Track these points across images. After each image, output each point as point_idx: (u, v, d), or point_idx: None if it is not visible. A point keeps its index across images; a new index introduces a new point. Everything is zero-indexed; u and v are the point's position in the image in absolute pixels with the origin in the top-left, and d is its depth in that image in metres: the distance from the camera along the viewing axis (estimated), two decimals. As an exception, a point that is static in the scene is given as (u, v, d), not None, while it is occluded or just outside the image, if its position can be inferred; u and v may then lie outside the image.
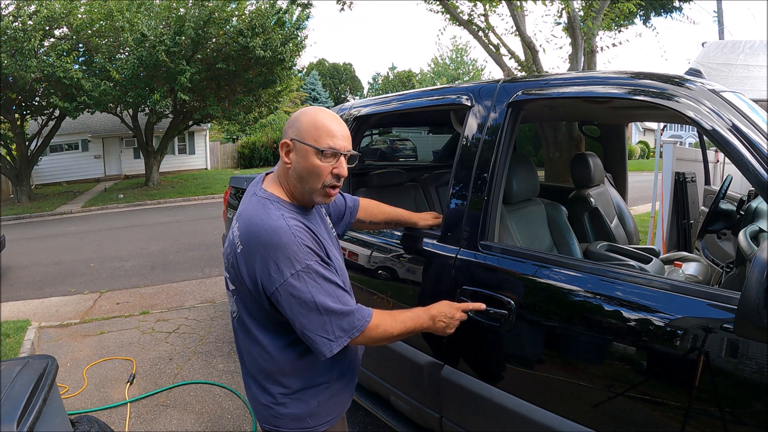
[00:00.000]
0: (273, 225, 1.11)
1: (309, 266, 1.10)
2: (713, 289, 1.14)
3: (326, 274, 1.13)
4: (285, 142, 1.18)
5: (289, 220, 1.12)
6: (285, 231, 1.10)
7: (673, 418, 1.12)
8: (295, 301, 1.10)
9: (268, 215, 1.13)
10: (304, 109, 1.22)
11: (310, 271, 1.10)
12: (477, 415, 1.55)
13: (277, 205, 1.16)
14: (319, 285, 1.11)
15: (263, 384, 1.24)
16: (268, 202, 1.17)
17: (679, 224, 3.88)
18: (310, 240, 1.13)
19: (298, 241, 1.10)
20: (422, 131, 6.58)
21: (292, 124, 1.19)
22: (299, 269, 1.09)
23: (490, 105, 1.67)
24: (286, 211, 1.16)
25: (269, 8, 13.65)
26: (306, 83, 34.79)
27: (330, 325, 1.12)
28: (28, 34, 11.69)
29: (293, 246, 1.09)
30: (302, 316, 1.11)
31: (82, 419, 2.03)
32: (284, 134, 1.20)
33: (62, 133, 17.68)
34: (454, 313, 1.35)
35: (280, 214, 1.13)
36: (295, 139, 1.17)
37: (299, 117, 1.20)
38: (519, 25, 7.36)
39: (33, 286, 5.73)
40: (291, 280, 1.09)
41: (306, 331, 1.12)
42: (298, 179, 1.19)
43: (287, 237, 1.09)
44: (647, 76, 1.37)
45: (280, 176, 1.23)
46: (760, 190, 1.08)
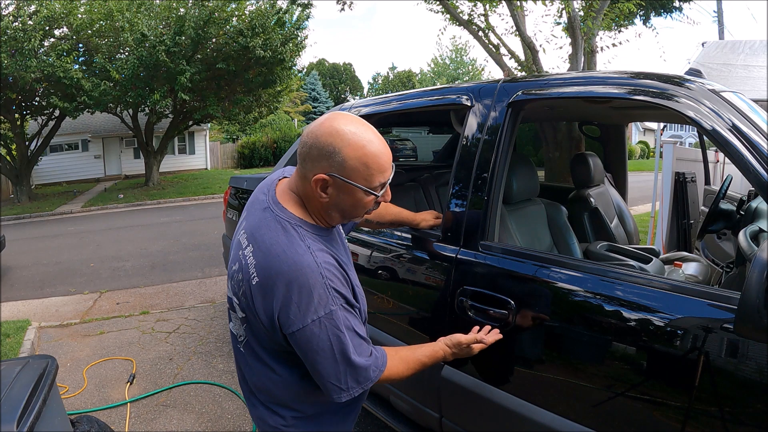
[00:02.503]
0: (299, 262, 0.97)
1: (333, 312, 0.99)
2: (713, 289, 1.14)
3: (349, 322, 1.03)
4: (321, 177, 0.98)
5: (317, 255, 0.99)
6: (313, 271, 0.97)
7: (673, 418, 1.12)
8: (312, 346, 1.00)
9: (291, 247, 0.99)
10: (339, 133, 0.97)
11: (333, 318, 1.00)
12: (477, 415, 1.55)
13: (302, 232, 1.02)
14: (341, 333, 1.01)
15: (274, 408, 1.16)
16: (289, 226, 1.02)
17: (679, 224, 3.88)
18: (338, 279, 1.02)
19: (327, 283, 0.98)
20: (422, 131, 6.58)
21: (329, 155, 0.96)
22: (322, 315, 0.98)
23: (490, 105, 1.67)
24: (312, 240, 1.02)
25: (269, 8, 13.66)
26: (306, 83, 34.79)
27: (345, 376, 1.04)
28: (28, 34, 11.69)
29: (320, 289, 0.98)
30: (317, 363, 1.02)
31: (82, 419, 2.03)
32: (315, 162, 0.98)
33: (62, 133, 17.68)
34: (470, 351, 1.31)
35: (306, 246, 0.99)
36: (336, 176, 0.98)
37: (341, 149, 0.96)
38: (519, 25, 7.36)
39: (33, 286, 5.73)
40: (311, 326, 0.98)
41: (318, 375, 1.05)
42: (339, 212, 1.05)
43: (314, 278, 0.97)
44: (647, 76, 1.37)
45: (306, 199, 1.06)
46: (760, 190, 1.08)
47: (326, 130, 0.98)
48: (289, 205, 1.06)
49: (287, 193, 1.08)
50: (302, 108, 32.97)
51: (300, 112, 32.49)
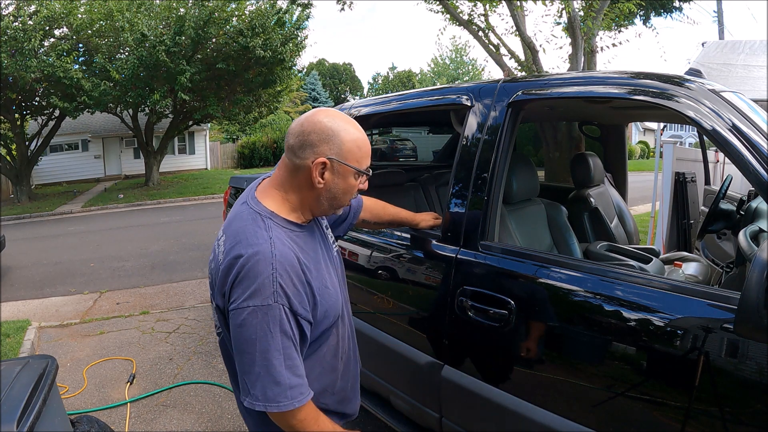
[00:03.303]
0: (256, 248, 0.99)
1: (270, 307, 0.97)
2: (713, 289, 1.14)
3: (286, 328, 0.99)
4: (322, 161, 1.03)
5: (276, 247, 1.00)
6: (265, 259, 0.98)
7: (673, 418, 1.12)
8: (241, 333, 0.98)
9: (255, 236, 1.01)
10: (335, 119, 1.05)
11: (268, 314, 0.97)
12: (477, 415, 1.55)
13: (269, 224, 1.04)
14: (271, 332, 0.97)
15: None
16: (260, 218, 1.05)
17: (679, 224, 3.88)
18: (289, 279, 0.99)
19: (274, 276, 0.97)
20: (422, 131, 6.58)
21: (327, 138, 1.03)
22: (258, 305, 0.96)
23: (490, 105, 1.67)
24: (279, 232, 1.03)
25: (269, 8, 13.66)
26: (306, 83, 34.81)
27: (257, 380, 0.98)
28: (28, 34, 11.69)
29: (265, 279, 0.97)
30: (240, 353, 1.00)
31: (82, 419, 2.03)
32: (314, 148, 1.03)
33: (62, 133, 17.68)
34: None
35: (268, 236, 1.01)
36: (335, 159, 1.04)
37: (338, 133, 1.04)
38: (519, 25, 7.37)
39: (33, 286, 5.73)
40: (246, 311, 0.97)
41: (238, 366, 1.02)
42: (329, 199, 1.09)
43: (264, 266, 0.97)
44: (647, 76, 1.37)
45: (289, 190, 1.09)
46: (760, 190, 1.08)
47: (322, 118, 1.05)
48: (266, 199, 1.09)
49: (267, 189, 1.12)
50: (302, 108, 32.96)
51: (300, 112, 32.47)
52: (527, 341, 1.42)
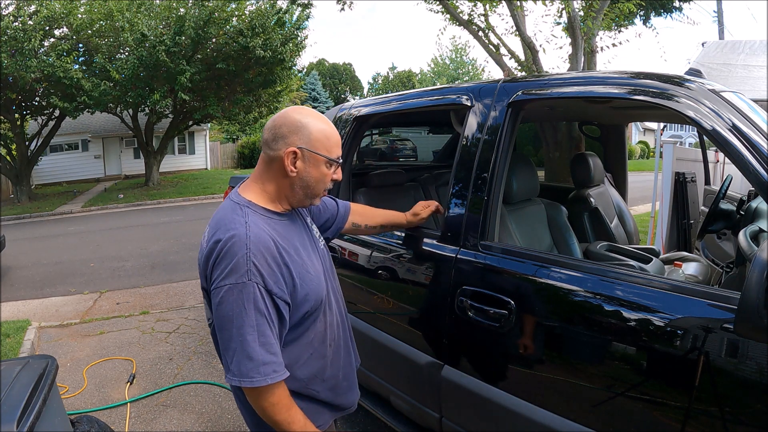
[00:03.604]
0: (232, 232, 1.07)
1: (244, 285, 1.03)
2: (713, 289, 1.14)
3: (260, 306, 1.05)
4: (293, 150, 1.12)
5: (251, 230, 1.07)
6: (240, 240, 1.05)
7: (673, 418, 1.12)
8: (220, 310, 1.05)
9: (233, 221, 1.09)
10: (303, 114, 1.15)
11: (243, 291, 1.03)
12: (477, 415, 1.55)
13: (246, 211, 1.12)
14: (245, 310, 1.04)
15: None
16: (238, 207, 1.13)
17: (679, 224, 3.88)
18: (263, 259, 1.06)
19: (248, 255, 1.04)
20: (422, 131, 6.58)
21: (296, 130, 1.13)
22: (233, 283, 1.03)
23: (490, 105, 1.67)
24: (255, 218, 1.11)
25: (269, 8, 13.65)
26: (306, 83, 34.78)
27: (234, 355, 1.04)
28: (28, 34, 11.69)
29: (240, 258, 1.04)
30: (220, 330, 1.07)
31: (82, 419, 2.03)
32: (285, 140, 1.12)
33: (62, 133, 17.68)
34: None
35: (244, 221, 1.09)
36: (305, 148, 1.13)
37: (306, 124, 1.13)
38: (519, 25, 7.37)
39: (33, 286, 5.73)
40: (224, 290, 1.04)
41: (221, 346, 1.09)
42: (303, 187, 1.17)
43: (239, 247, 1.05)
44: (647, 76, 1.37)
45: (266, 181, 1.17)
46: (760, 190, 1.08)
47: (291, 113, 1.16)
48: (246, 192, 1.18)
49: (248, 184, 1.21)
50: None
51: (300, 112, 32.42)
52: (527, 341, 1.42)
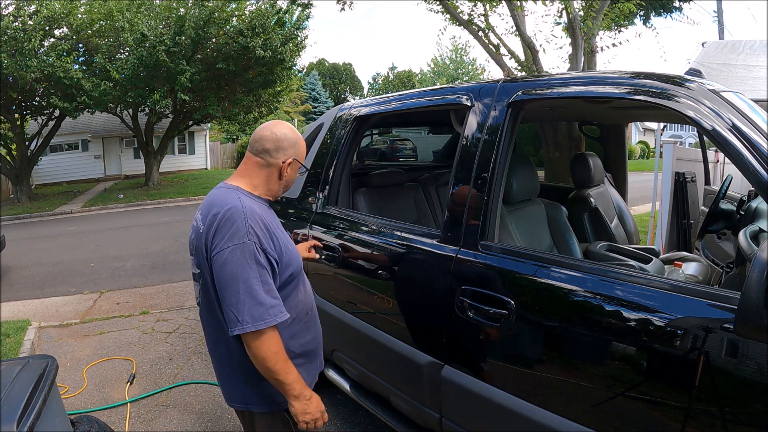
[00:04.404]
0: (229, 205, 1.27)
1: (245, 244, 1.22)
2: (713, 289, 1.14)
3: (259, 258, 1.24)
4: (290, 161, 1.40)
5: (245, 203, 1.28)
6: (237, 209, 1.26)
7: (673, 418, 1.12)
8: (225, 270, 1.22)
9: (226, 197, 1.31)
10: (294, 131, 1.42)
11: (245, 250, 1.22)
12: (477, 415, 1.55)
13: (236, 192, 1.33)
14: (249, 265, 1.22)
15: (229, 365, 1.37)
16: (229, 190, 1.34)
17: (679, 224, 3.88)
18: (257, 224, 1.26)
19: (247, 221, 1.24)
20: (422, 131, 6.58)
21: (292, 144, 1.40)
22: (236, 243, 1.22)
23: (490, 105, 1.67)
24: (247, 197, 1.33)
25: (269, 8, 13.65)
26: (306, 83, 34.78)
27: (243, 307, 1.21)
28: (28, 34, 11.69)
29: (240, 223, 1.24)
30: (224, 288, 1.23)
31: (82, 419, 2.03)
32: (283, 152, 1.38)
33: (62, 133, 17.67)
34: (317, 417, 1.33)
35: (237, 197, 1.30)
36: (297, 159, 1.42)
37: (298, 140, 1.42)
38: (519, 25, 7.37)
39: (33, 286, 5.72)
40: (227, 251, 1.22)
41: (223, 303, 1.25)
42: (285, 186, 1.45)
43: (237, 214, 1.25)
44: (647, 76, 1.37)
45: (254, 177, 1.40)
46: (760, 190, 1.08)
47: (285, 130, 1.41)
48: (234, 180, 1.40)
49: (234, 178, 1.42)
50: (302, 108, 32.94)
51: (300, 112, 32.46)
52: (527, 341, 1.42)
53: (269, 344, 1.23)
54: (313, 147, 2.60)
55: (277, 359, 1.25)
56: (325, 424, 1.37)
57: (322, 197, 2.38)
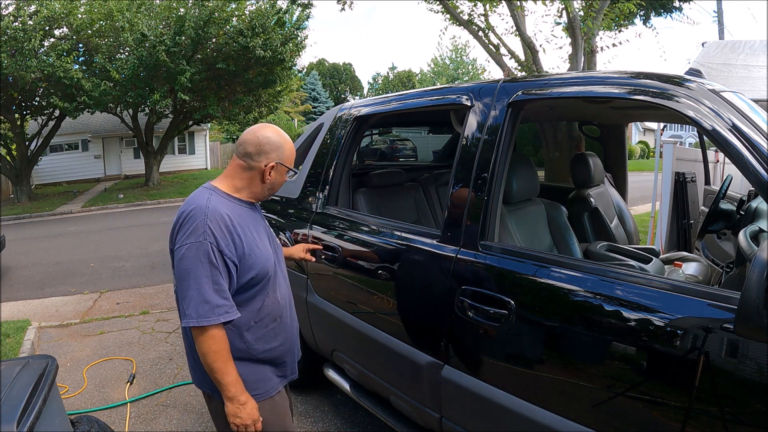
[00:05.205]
0: (194, 204, 1.33)
1: (200, 243, 1.27)
2: (713, 289, 1.14)
3: (213, 258, 1.28)
4: (273, 165, 1.41)
5: (210, 204, 1.33)
6: (200, 209, 1.31)
7: (673, 418, 1.12)
8: (181, 265, 1.29)
9: (196, 197, 1.37)
10: (279, 134, 1.44)
11: (200, 248, 1.27)
12: (477, 415, 1.55)
13: (210, 192, 1.38)
14: (202, 263, 1.27)
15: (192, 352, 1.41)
16: (205, 190, 1.40)
17: (679, 224, 3.88)
18: (217, 225, 1.30)
19: (206, 221, 1.29)
20: (422, 131, 6.58)
21: (275, 148, 1.41)
22: (192, 242, 1.28)
23: (490, 105, 1.67)
24: (218, 197, 1.37)
25: (269, 8, 13.65)
26: (306, 83, 34.78)
27: (190, 302, 1.27)
28: (28, 34, 11.69)
29: (199, 222, 1.29)
30: (179, 281, 1.30)
31: (82, 419, 2.03)
32: (265, 155, 1.40)
33: (62, 133, 17.67)
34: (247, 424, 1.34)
35: (206, 198, 1.35)
36: (280, 163, 1.43)
37: (282, 144, 1.43)
38: (519, 25, 7.36)
39: (33, 286, 5.73)
40: (184, 247, 1.29)
41: (178, 296, 1.32)
42: (270, 189, 1.47)
43: (198, 214, 1.31)
44: (647, 76, 1.37)
45: (237, 179, 1.43)
46: (760, 190, 1.08)
47: (269, 133, 1.43)
48: (216, 183, 1.45)
49: (219, 179, 1.47)
50: (302, 108, 32.94)
51: (300, 112, 32.47)
52: (527, 341, 1.42)
53: (210, 342, 1.28)
54: (313, 147, 2.60)
55: (216, 358, 1.29)
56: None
57: (322, 197, 2.38)
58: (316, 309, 2.31)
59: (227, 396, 1.33)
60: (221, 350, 1.29)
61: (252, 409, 1.35)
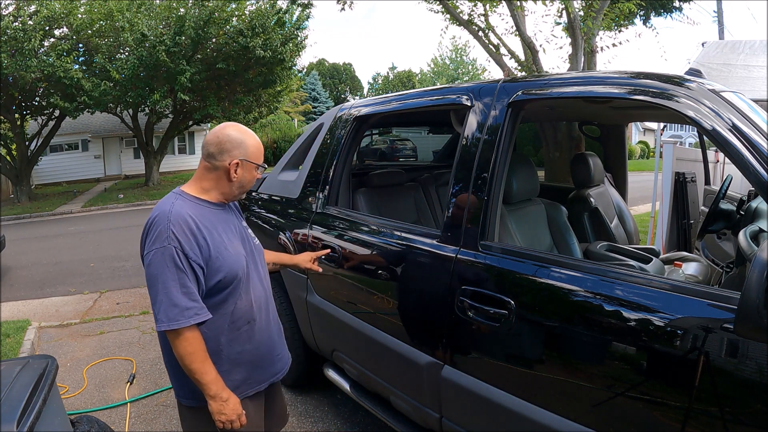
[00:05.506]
0: (159, 210, 1.36)
1: (165, 248, 1.30)
2: (713, 289, 1.14)
3: (179, 262, 1.30)
4: (236, 162, 1.41)
5: (174, 208, 1.35)
6: (164, 215, 1.33)
7: (673, 418, 1.12)
8: (149, 271, 1.32)
9: (162, 203, 1.39)
10: (241, 131, 1.43)
11: (165, 253, 1.30)
12: (477, 415, 1.55)
13: (177, 196, 1.40)
14: (168, 267, 1.29)
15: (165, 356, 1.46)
16: (173, 194, 1.42)
17: (679, 224, 3.88)
18: (181, 230, 1.32)
19: (169, 226, 1.31)
20: (422, 131, 6.58)
21: (237, 145, 1.41)
22: (158, 247, 1.30)
23: (490, 105, 1.67)
24: (184, 201, 1.39)
25: (269, 8, 13.66)
26: (306, 83, 34.78)
27: (160, 306, 1.29)
28: (28, 34, 11.69)
29: (162, 228, 1.31)
30: (149, 288, 1.33)
31: (82, 419, 2.03)
32: (227, 153, 1.40)
33: (62, 133, 17.68)
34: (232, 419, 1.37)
35: (171, 203, 1.37)
36: (244, 160, 1.43)
37: (245, 140, 1.42)
38: (519, 25, 7.37)
39: (33, 286, 5.72)
40: (151, 254, 1.31)
41: (151, 300, 1.33)
42: (239, 187, 1.46)
43: (162, 219, 1.33)
44: (647, 76, 1.37)
45: (204, 180, 1.44)
46: (760, 190, 1.08)
47: (231, 131, 1.43)
48: (185, 186, 1.46)
49: (189, 182, 1.48)
50: (302, 108, 32.94)
51: (300, 112, 32.47)
52: (527, 341, 1.42)
53: (185, 344, 1.30)
54: (313, 147, 2.60)
55: (193, 359, 1.31)
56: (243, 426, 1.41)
57: (322, 197, 2.38)
58: (316, 309, 2.31)
59: (209, 395, 1.34)
60: (196, 351, 1.32)
61: (235, 405, 1.38)
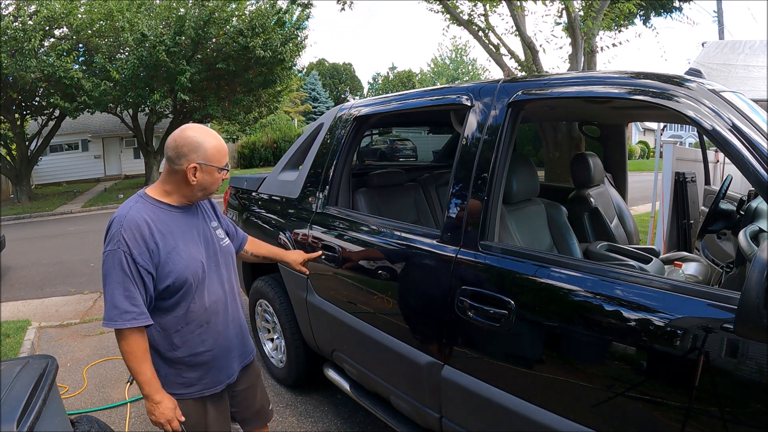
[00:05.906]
0: (117, 213, 1.42)
1: (114, 251, 1.35)
2: (713, 289, 1.14)
3: (125, 267, 1.35)
4: (194, 166, 1.41)
5: (130, 213, 1.39)
6: (119, 218, 1.39)
7: (673, 418, 1.12)
8: (102, 271, 1.39)
9: (122, 207, 1.44)
10: (200, 133, 1.42)
11: (113, 256, 1.35)
12: (477, 415, 1.55)
13: (137, 199, 1.45)
14: (114, 269, 1.35)
15: None
16: (135, 197, 1.47)
17: (679, 224, 3.88)
18: (132, 235, 1.36)
19: (120, 230, 1.36)
20: (422, 131, 6.58)
21: (194, 149, 1.40)
22: (109, 249, 1.37)
23: (490, 105, 1.67)
24: (144, 204, 1.43)
25: (269, 8, 13.66)
26: (306, 83, 34.78)
27: (105, 304, 1.37)
28: (28, 34, 11.70)
29: (115, 231, 1.37)
30: (102, 286, 1.39)
31: (82, 419, 2.03)
32: (184, 157, 1.40)
33: (62, 133, 17.68)
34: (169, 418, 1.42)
35: (129, 206, 1.42)
36: (203, 163, 1.42)
37: (202, 143, 1.41)
38: (519, 25, 7.36)
39: (33, 286, 5.72)
40: (104, 255, 1.38)
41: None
42: (201, 190, 1.46)
43: (116, 223, 1.38)
44: (647, 76, 1.37)
45: (167, 183, 1.47)
46: (760, 190, 1.08)
47: (189, 133, 1.42)
48: (149, 189, 1.50)
49: (153, 184, 1.52)
50: (302, 108, 32.94)
51: (300, 112, 32.47)
52: (527, 341, 1.42)
53: (124, 343, 1.37)
54: (313, 147, 2.60)
55: (130, 358, 1.38)
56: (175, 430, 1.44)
57: (322, 197, 2.38)
58: (316, 309, 2.31)
59: (143, 394, 1.41)
60: (134, 351, 1.37)
61: (166, 409, 1.41)
